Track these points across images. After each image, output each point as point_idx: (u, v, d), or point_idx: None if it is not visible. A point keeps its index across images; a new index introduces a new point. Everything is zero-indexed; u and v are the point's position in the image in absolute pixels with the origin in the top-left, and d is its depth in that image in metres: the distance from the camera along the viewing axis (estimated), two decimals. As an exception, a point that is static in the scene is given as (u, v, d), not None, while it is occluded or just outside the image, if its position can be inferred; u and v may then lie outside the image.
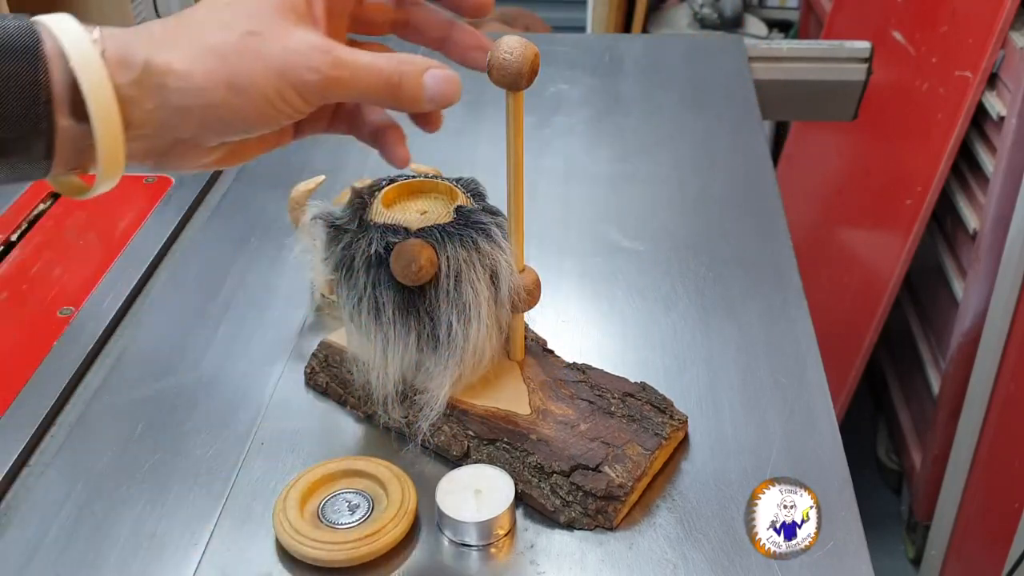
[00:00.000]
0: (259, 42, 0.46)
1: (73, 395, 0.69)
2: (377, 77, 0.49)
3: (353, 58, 0.48)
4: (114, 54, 0.44)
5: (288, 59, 0.46)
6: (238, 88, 0.46)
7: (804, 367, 0.69)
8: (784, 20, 2.63)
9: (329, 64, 0.47)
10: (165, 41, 0.46)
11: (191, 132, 0.47)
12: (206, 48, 0.46)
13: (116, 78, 0.44)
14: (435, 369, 0.60)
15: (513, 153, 0.56)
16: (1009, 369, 1.31)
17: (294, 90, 0.47)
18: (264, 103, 0.47)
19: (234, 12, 0.47)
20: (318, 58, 0.47)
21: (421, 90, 0.50)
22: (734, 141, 1.00)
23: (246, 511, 0.59)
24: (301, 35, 0.47)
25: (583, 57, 1.18)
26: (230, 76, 0.46)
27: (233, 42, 0.46)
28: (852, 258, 1.69)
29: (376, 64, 0.48)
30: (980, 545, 1.40)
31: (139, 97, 0.45)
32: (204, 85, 0.46)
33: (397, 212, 0.61)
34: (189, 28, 0.47)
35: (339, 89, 0.48)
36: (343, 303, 0.60)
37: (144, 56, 0.45)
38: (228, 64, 0.46)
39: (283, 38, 0.47)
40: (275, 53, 0.46)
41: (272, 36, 0.47)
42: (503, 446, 0.59)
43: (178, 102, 0.46)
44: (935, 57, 1.46)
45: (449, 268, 0.57)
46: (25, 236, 0.85)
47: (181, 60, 0.45)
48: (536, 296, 0.61)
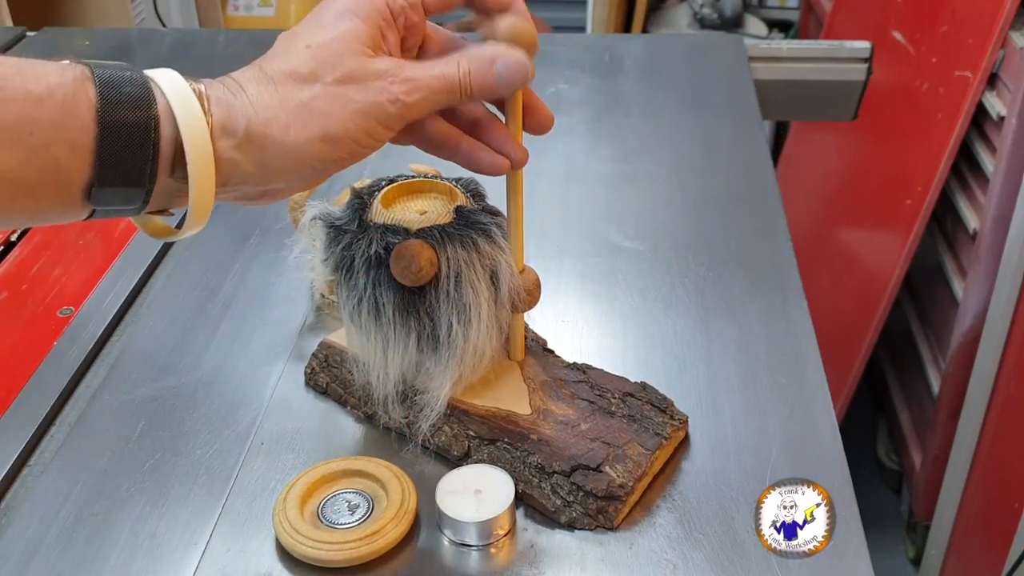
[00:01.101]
0: (344, 89, 0.48)
1: (73, 395, 0.69)
2: (448, 83, 0.51)
3: (423, 72, 0.50)
4: (219, 119, 0.47)
5: (372, 98, 0.49)
6: (330, 138, 0.48)
7: (804, 367, 0.69)
8: (784, 20, 2.63)
9: (405, 92, 0.49)
10: (261, 105, 0.48)
11: (284, 184, 0.50)
12: (300, 105, 0.48)
13: (218, 142, 0.46)
14: (435, 370, 0.60)
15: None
16: (1009, 369, 1.31)
17: (380, 125, 0.49)
18: (353, 144, 0.49)
19: (315, 60, 0.49)
20: (396, 89, 0.49)
21: (493, 80, 0.51)
22: (734, 141, 1.00)
23: (246, 511, 0.59)
24: (374, 66, 0.49)
25: (583, 57, 1.18)
26: (323, 129, 0.48)
27: (319, 95, 0.48)
28: (852, 258, 1.69)
29: (447, 73, 0.51)
30: (980, 545, 1.40)
31: (239, 160, 0.47)
32: (300, 143, 0.48)
33: (397, 212, 0.61)
34: (279, 87, 0.48)
35: (418, 110, 0.50)
36: (343, 304, 0.60)
37: (245, 123, 0.47)
38: (320, 117, 0.48)
39: (361, 77, 0.49)
40: (356, 97, 0.48)
41: (355, 78, 0.49)
42: (504, 446, 0.59)
43: (276, 164, 0.48)
44: (935, 57, 1.46)
45: (449, 268, 0.57)
46: (25, 236, 0.85)
47: (278, 124, 0.47)
48: (536, 296, 0.61)
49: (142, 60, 1.19)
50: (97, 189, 0.45)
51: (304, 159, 0.48)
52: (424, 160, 0.74)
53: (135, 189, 0.46)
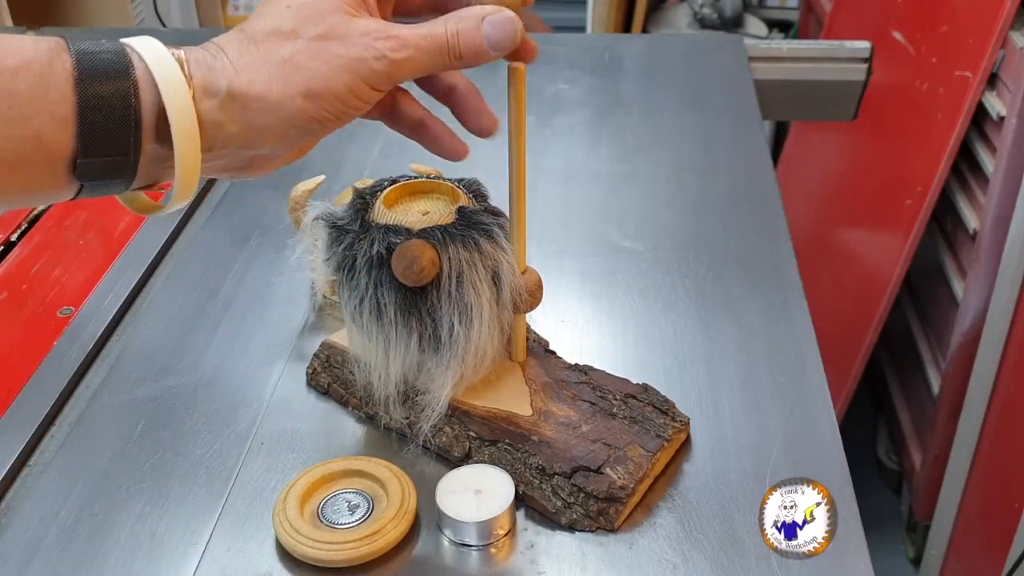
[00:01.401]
0: (327, 44, 0.48)
1: (73, 395, 0.69)
2: (438, 45, 0.50)
3: (412, 34, 0.49)
4: (200, 81, 0.46)
5: (356, 54, 0.48)
6: (314, 94, 0.47)
7: (804, 367, 0.69)
8: (784, 20, 2.63)
9: (392, 48, 0.48)
10: (243, 64, 0.47)
11: (270, 147, 0.49)
12: (281, 61, 0.47)
13: (201, 104, 0.46)
14: (436, 370, 0.60)
15: (515, 155, 0.56)
16: (1009, 369, 1.31)
17: (365, 83, 0.48)
18: (338, 103, 0.48)
19: (296, 18, 0.48)
20: (382, 45, 0.48)
21: (482, 41, 0.50)
22: (734, 141, 1.00)
23: (246, 511, 0.59)
24: (359, 25, 0.49)
25: (583, 57, 1.18)
26: (306, 84, 0.47)
27: (301, 50, 0.47)
28: (852, 258, 1.69)
29: (433, 33, 0.50)
30: (980, 545, 1.40)
31: (223, 121, 0.47)
32: (283, 99, 0.47)
33: (399, 213, 0.61)
34: (259, 45, 0.48)
35: (406, 69, 0.49)
36: (345, 304, 0.60)
37: (227, 83, 0.46)
38: (303, 72, 0.47)
39: (345, 34, 0.48)
40: (339, 52, 0.48)
41: (337, 34, 0.48)
42: (505, 447, 0.59)
43: (260, 122, 0.47)
44: (935, 57, 1.46)
45: (451, 269, 0.57)
46: (25, 236, 0.85)
47: (260, 81, 0.47)
48: (538, 297, 0.61)
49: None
50: (83, 161, 0.44)
51: (287, 116, 0.48)
52: (425, 160, 0.74)
53: (120, 158, 0.45)
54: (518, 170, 0.57)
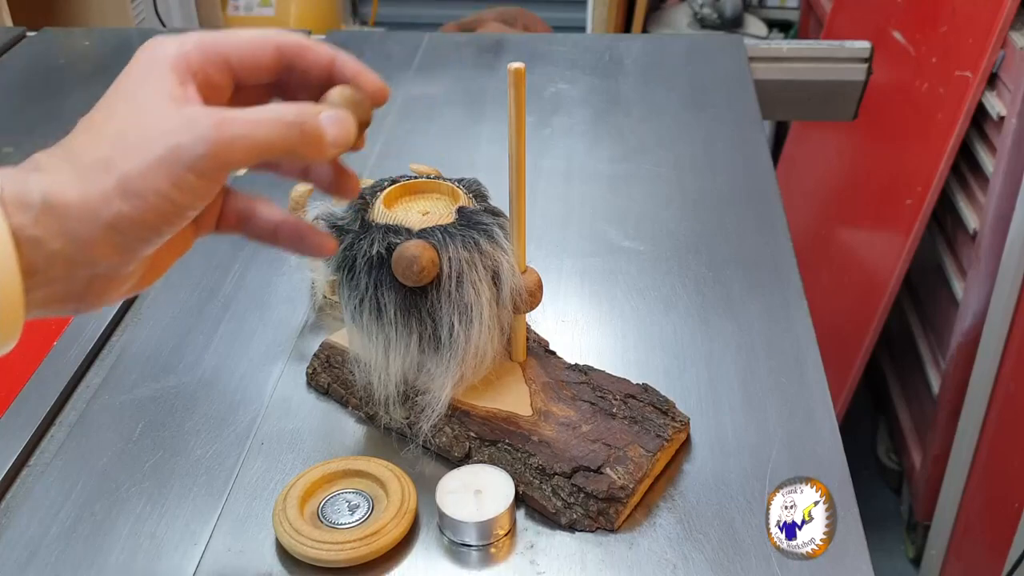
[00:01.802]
0: (139, 136, 0.43)
1: (73, 395, 0.69)
2: (275, 123, 0.45)
3: (241, 113, 0.44)
4: (10, 194, 0.41)
5: (171, 140, 0.43)
6: (131, 192, 0.42)
7: (804, 367, 0.69)
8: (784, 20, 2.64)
9: (214, 126, 0.43)
10: (54, 169, 0.43)
11: (104, 264, 0.44)
12: (92, 162, 0.43)
13: (14, 218, 0.41)
14: (436, 370, 0.60)
15: (515, 155, 0.56)
16: (1009, 369, 1.31)
17: (188, 171, 0.43)
18: (161, 199, 0.43)
19: (111, 118, 0.44)
20: (202, 124, 0.43)
21: (323, 131, 0.46)
22: (734, 141, 1.00)
23: (246, 511, 0.59)
24: (180, 112, 0.44)
25: (583, 57, 1.18)
26: (120, 182, 0.42)
27: (120, 146, 0.43)
28: (852, 258, 1.69)
29: (268, 112, 0.45)
30: (980, 545, 1.40)
31: (43, 237, 0.42)
32: (98, 202, 0.42)
33: (399, 213, 0.61)
34: (73, 150, 0.44)
35: (236, 150, 0.44)
36: (345, 304, 0.60)
37: (41, 194, 0.42)
38: (114, 170, 0.42)
39: (162, 122, 0.43)
40: (157, 139, 0.43)
41: (151, 125, 0.43)
42: (505, 447, 0.59)
43: (81, 233, 0.42)
44: (935, 57, 1.46)
45: (451, 269, 0.57)
46: (25, 236, 0.84)
47: (73, 185, 0.42)
48: (538, 297, 0.61)
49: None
50: None
51: (107, 222, 0.42)
52: (425, 160, 0.74)
53: None
54: (518, 170, 0.57)
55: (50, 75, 1.14)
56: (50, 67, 1.16)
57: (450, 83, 1.12)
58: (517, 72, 0.54)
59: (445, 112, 1.06)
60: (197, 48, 0.46)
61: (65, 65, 1.17)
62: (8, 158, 0.96)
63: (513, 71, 0.54)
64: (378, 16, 3.20)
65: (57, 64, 1.17)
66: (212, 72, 0.47)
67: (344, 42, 1.25)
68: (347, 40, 1.27)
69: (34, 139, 0.99)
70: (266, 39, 0.48)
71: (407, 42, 1.23)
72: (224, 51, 0.47)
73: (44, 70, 1.16)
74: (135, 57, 0.47)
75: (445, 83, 1.12)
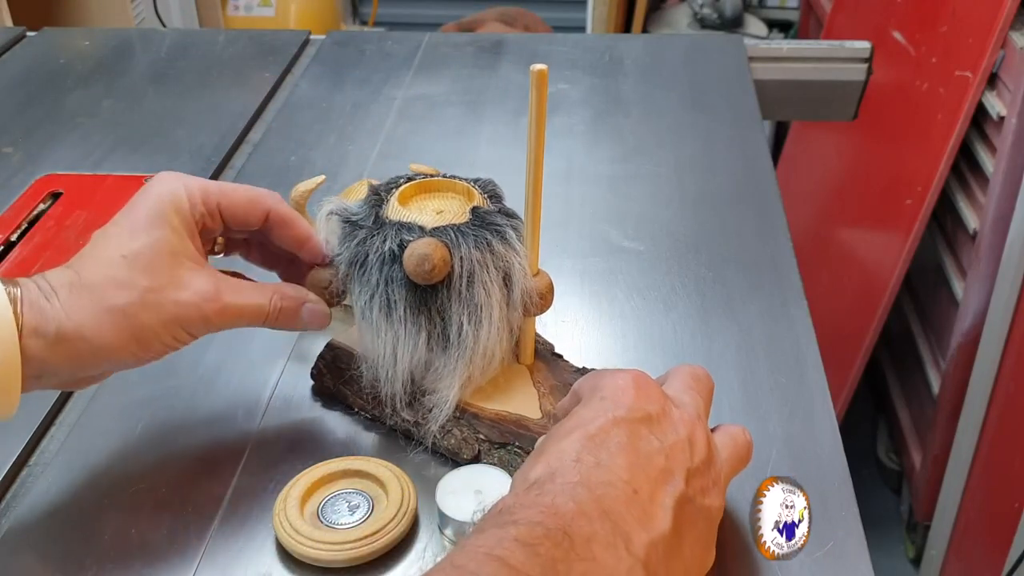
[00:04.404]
0: (157, 297, 0.53)
1: (73, 395, 0.69)
2: (257, 314, 0.57)
3: (238, 300, 0.56)
4: (29, 321, 0.50)
5: (182, 312, 0.54)
6: (142, 340, 0.53)
7: (804, 367, 0.69)
8: (784, 20, 2.64)
9: (216, 312, 0.55)
10: (74, 309, 0.51)
11: (97, 373, 0.55)
12: (112, 310, 0.52)
13: (28, 340, 0.50)
14: (444, 369, 0.59)
15: (533, 158, 0.56)
16: (1009, 369, 1.31)
17: (186, 332, 0.55)
18: (162, 346, 0.55)
19: (131, 268, 0.53)
20: (207, 307, 0.55)
21: (298, 319, 0.59)
22: (734, 141, 1.00)
23: (246, 511, 0.59)
24: (192, 282, 0.54)
25: (583, 57, 1.18)
26: (135, 332, 0.52)
27: (135, 301, 0.52)
28: (852, 258, 1.69)
29: (256, 303, 0.57)
30: (980, 545, 1.40)
31: (49, 359, 0.51)
32: (113, 344, 0.52)
33: (413, 210, 0.61)
34: (93, 292, 0.52)
35: (222, 327, 0.57)
36: (355, 299, 0.60)
37: (56, 326, 0.50)
38: (133, 323, 0.52)
39: (177, 289, 0.54)
40: (171, 307, 0.53)
41: (168, 289, 0.53)
42: (514, 450, 0.59)
43: (88, 361, 0.52)
44: (935, 57, 1.47)
45: (462, 268, 0.57)
46: (25, 236, 0.85)
47: (90, 327, 0.51)
48: (549, 300, 0.61)
49: (142, 60, 1.20)
50: None
51: (116, 357, 0.53)
52: (425, 160, 0.74)
53: None
54: (535, 173, 0.56)
55: (50, 75, 1.14)
56: (50, 67, 1.16)
57: (450, 83, 1.12)
58: (540, 74, 0.53)
59: (445, 112, 1.06)
60: (203, 200, 0.57)
61: (65, 65, 1.17)
62: (8, 158, 0.96)
63: (536, 72, 0.53)
64: (378, 16, 3.20)
65: (57, 64, 1.17)
66: (209, 223, 0.57)
67: (344, 42, 1.25)
68: (347, 40, 1.27)
69: (34, 139, 0.99)
70: (261, 202, 0.59)
71: (407, 42, 1.23)
72: (223, 205, 0.58)
73: (44, 70, 1.16)
74: (148, 192, 0.56)
75: (445, 83, 1.12)
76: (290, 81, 1.14)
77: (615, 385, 0.49)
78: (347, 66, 1.17)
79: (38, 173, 0.93)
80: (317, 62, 1.18)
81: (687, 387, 0.53)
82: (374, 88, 1.11)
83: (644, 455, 0.46)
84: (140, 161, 0.96)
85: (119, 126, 1.02)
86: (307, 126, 1.03)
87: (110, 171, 0.94)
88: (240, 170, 0.95)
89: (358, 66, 1.16)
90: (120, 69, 1.16)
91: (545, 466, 0.46)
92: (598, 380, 0.51)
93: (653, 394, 0.50)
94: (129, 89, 1.10)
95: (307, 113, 1.05)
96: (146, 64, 1.18)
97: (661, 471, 0.46)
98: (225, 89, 1.11)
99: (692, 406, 0.51)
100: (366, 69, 1.15)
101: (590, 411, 0.48)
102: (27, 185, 0.91)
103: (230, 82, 1.13)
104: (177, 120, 1.04)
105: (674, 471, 0.47)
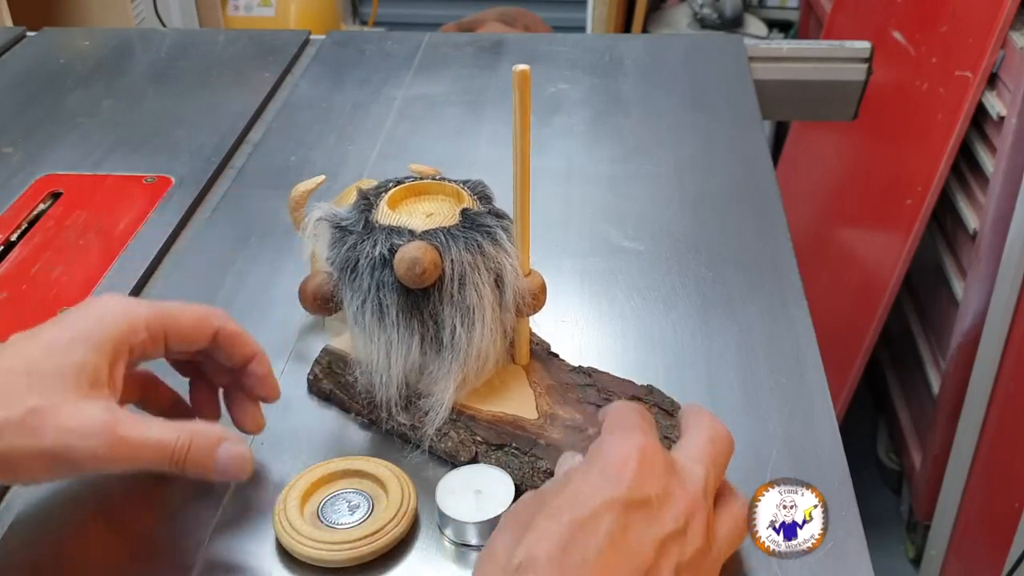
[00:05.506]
0: (38, 420, 0.48)
1: (73, 395, 0.68)
2: (159, 453, 0.50)
3: (137, 434, 0.50)
4: None
5: (63, 440, 0.48)
6: (8, 466, 0.48)
7: (804, 367, 0.69)
8: (784, 20, 2.64)
9: (106, 446, 0.49)
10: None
11: None
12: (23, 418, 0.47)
13: None
14: (439, 372, 0.59)
15: (519, 158, 0.56)
16: (1009, 369, 1.31)
17: (67, 467, 0.49)
18: (29, 476, 0.50)
19: (28, 381, 0.48)
20: (94, 441, 0.48)
21: (211, 462, 0.52)
22: (734, 141, 1.00)
23: (246, 511, 0.59)
24: (84, 411, 0.49)
25: (583, 57, 1.18)
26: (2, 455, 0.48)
27: (13, 419, 0.47)
28: (852, 258, 1.69)
29: (162, 440, 0.50)
30: (980, 545, 1.40)
31: None
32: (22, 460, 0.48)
33: (403, 214, 0.60)
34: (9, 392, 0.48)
35: (117, 465, 0.50)
36: (347, 305, 0.60)
37: None
38: (3, 442, 0.47)
39: (64, 415, 0.48)
40: (51, 434, 0.48)
41: (54, 413, 0.48)
42: (512, 451, 0.59)
43: None
44: (935, 57, 1.47)
45: (453, 271, 0.57)
46: (25, 236, 0.85)
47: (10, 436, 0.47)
48: (542, 300, 0.61)
49: (142, 60, 1.20)
50: None
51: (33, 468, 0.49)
52: (425, 160, 0.74)
53: None
54: (522, 172, 0.56)
55: (50, 75, 1.14)
56: (50, 67, 1.16)
57: (450, 83, 1.12)
58: (522, 74, 0.53)
59: (445, 112, 1.06)
60: (146, 327, 0.53)
61: (65, 65, 1.17)
62: (8, 158, 0.96)
63: (518, 73, 0.53)
64: (378, 16, 3.20)
65: (57, 64, 1.17)
66: (149, 348, 0.54)
67: (344, 42, 1.25)
68: (347, 40, 1.27)
69: (34, 139, 0.99)
70: (208, 323, 0.56)
71: (407, 42, 1.23)
72: (169, 329, 0.55)
73: (44, 70, 1.16)
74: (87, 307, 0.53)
75: (445, 83, 1.12)
76: (290, 81, 1.14)
77: (619, 456, 0.47)
78: (347, 66, 1.17)
79: (38, 173, 0.93)
80: (317, 62, 1.18)
81: (701, 454, 0.50)
82: (374, 88, 1.11)
83: (634, 550, 0.44)
84: (140, 161, 0.96)
85: (119, 126, 1.02)
86: (307, 126, 1.03)
87: (110, 171, 0.94)
88: (240, 170, 0.95)
89: (358, 66, 1.16)
90: (120, 69, 1.16)
91: (527, 551, 0.43)
92: (603, 444, 0.48)
93: (658, 470, 0.47)
94: (129, 89, 1.10)
95: (307, 113, 1.05)
96: (146, 64, 1.18)
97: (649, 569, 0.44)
98: (225, 89, 1.11)
99: (700, 481, 0.49)
100: (366, 69, 1.16)
101: (588, 486, 0.46)
102: (27, 185, 0.91)
103: (230, 82, 1.13)
104: (177, 120, 1.04)
105: (662, 569, 0.45)
